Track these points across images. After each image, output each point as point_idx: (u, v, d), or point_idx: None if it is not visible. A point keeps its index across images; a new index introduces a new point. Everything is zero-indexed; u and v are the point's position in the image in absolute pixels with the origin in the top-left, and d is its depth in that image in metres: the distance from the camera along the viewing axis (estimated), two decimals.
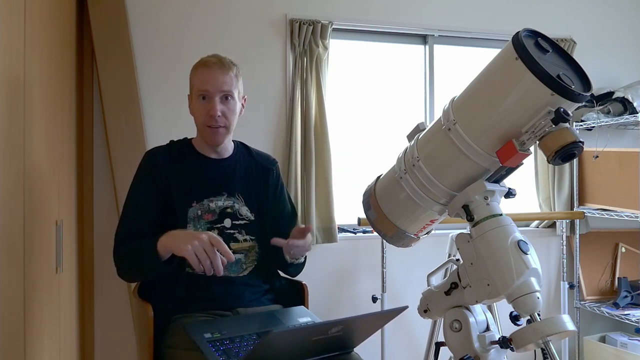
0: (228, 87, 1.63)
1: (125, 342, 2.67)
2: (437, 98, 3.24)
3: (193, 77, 1.67)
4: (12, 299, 1.32)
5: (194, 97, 1.66)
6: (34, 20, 1.55)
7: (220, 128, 1.64)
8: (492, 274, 1.15)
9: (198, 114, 1.65)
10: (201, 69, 1.65)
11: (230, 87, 1.64)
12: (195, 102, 1.65)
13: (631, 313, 3.02)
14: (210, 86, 1.62)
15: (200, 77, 1.64)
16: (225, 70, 1.64)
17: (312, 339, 1.28)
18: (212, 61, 1.65)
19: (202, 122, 1.64)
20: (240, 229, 1.67)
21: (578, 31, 3.36)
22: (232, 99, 1.65)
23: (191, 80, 1.68)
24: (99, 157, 2.65)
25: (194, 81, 1.66)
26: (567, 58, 1.21)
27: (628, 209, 2.98)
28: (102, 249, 2.63)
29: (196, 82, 1.65)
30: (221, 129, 1.64)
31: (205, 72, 1.63)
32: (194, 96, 1.66)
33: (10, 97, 1.32)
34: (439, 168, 1.24)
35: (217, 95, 1.62)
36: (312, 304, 1.79)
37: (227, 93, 1.63)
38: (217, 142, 1.68)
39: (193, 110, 1.68)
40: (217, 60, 1.65)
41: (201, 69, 1.65)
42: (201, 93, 1.63)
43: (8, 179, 1.30)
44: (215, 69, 1.63)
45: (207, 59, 1.67)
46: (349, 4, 3.02)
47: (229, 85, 1.63)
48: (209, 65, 1.64)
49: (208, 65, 1.64)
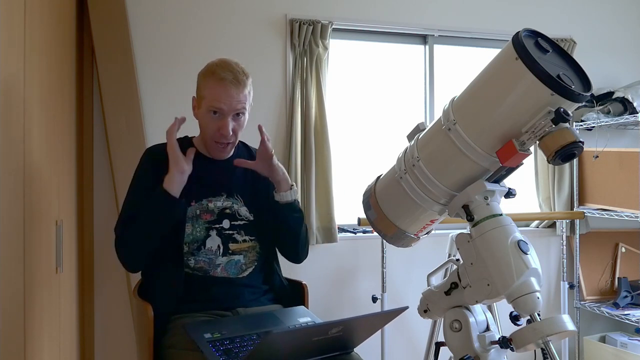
0: (242, 105, 1.60)
1: (125, 342, 2.66)
2: (437, 98, 3.24)
3: (204, 88, 1.60)
4: (12, 298, 1.32)
5: (204, 109, 1.60)
6: (34, 20, 1.54)
7: (229, 145, 1.64)
8: (492, 274, 1.15)
9: (207, 127, 1.62)
10: (214, 83, 1.57)
11: (244, 105, 1.60)
12: (206, 115, 1.60)
13: (631, 313, 3.02)
14: (225, 105, 1.57)
15: (213, 92, 1.57)
16: (241, 88, 1.58)
17: (312, 339, 1.28)
18: (228, 78, 1.56)
19: (211, 136, 1.62)
20: (239, 230, 1.67)
21: (578, 31, 3.36)
22: (244, 114, 1.63)
23: (201, 88, 1.62)
24: (99, 157, 2.65)
25: (205, 93, 1.60)
26: (567, 58, 1.21)
27: (628, 209, 2.98)
28: (102, 249, 2.63)
29: (208, 96, 1.58)
30: (229, 145, 1.64)
31: (219, 89, 1.56)
32: (203, 107, 1.60)
33: (10, 97, 1.32)
34: (439, 168, 1.24)
35: (230, 114, 1.59)
36: (312, 304, 1.79)
37: (240, 111, 1.61)
38: (222, 157, 1.68)
39: (201, 119, 1.64)
40: (232, 78, 1.57)
41: (214, 83, 1.57)
42: (213, 109, 1.58)
43: (8, 179, 1.30)
44: (230, 88, 1.56)
45: (221, 75, 1.57)
46: (349, 4, 3.02)
47: (243, 103, 1.60)
48: (224, 83, 1.56)
49: (223, 82, 1.56)
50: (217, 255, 1.63)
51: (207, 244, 1.62)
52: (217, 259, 1.63)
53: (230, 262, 1.64)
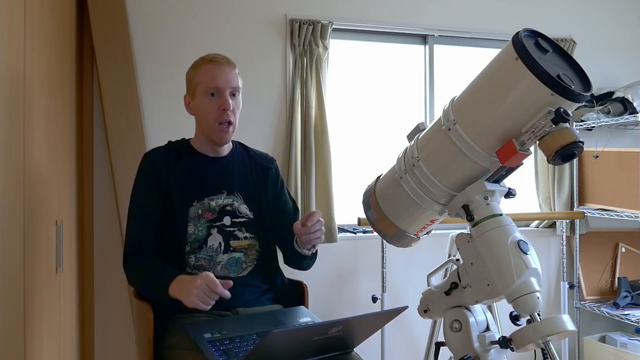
0: (235, 83, 1.65)
1: (125, 342, 2.66)
2: (437, 98, 3.24)
3: (197, 74, 1.65)
4: (12, 299, 1.32)
5: (201, 95, 1.63)
6: (34, 20, 1.54)
7: (230, 126, 1.65)
8: (492, 274, 1.15)
9: (207, 111, 1.63)
10: (208, 65, 1.64)
11: (237, 84, 1.66)
12: (203, 99, 1.63)
13: (631, 313, 3.02)
14: (221, 82, 1.62)
15: (207, 73, 1.63)
16: (232, 67, 1.66)
17: (312, 339, 1.28)
18: (218, 58, 1.65)
19: (213, 118, 1.63)
20: (240, 227, 1.67)
21: (578, 31, 3.36)
22: (238, 95, 1.67)
23: (193, 78, 1.66)
24: (99, 157, 2.65)
25: (200, 78, 1.64)
26: (567, 58, 1.21)
27: (628, 209, 2.98)
28: (102, 249, 2.63)
29: (203, 79, 1.63)
30: (230, 126, 1.65)
31: (213, 68, 1.63)
32: (199, 94, 1.64)
33: (10, 97, 1.32)
34: (439, 168, 1.24)
35: (228, 91, 1.63)
36: (312, 304, 1.79)
37: (234, 89, 1.65)
38: (225, 140, 1.68)
39: (198, 109, 1.65)
40: (222, 57, 1.66)
41: (208, 65, 1.64)
42: (211, 89, 1.62)
43: (8, 179, 1.30)
44: (223, 65, 1.64)
45: (212, 56, 1.66)
46: (349, 4, 3.02)
47: (236, 82, 1.66)
48: (217, 61, 1.64)
49: (215, 61, 1.64)
50: (218, 253, 1.63)
51: (209, 242, 1.63)
52: (217, 256, 1.63)
53: (231, 260, 1.64)
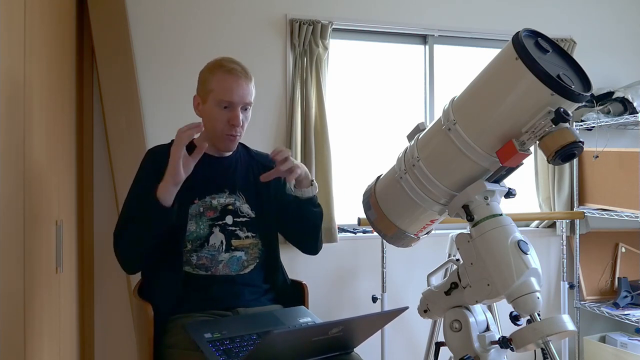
0: (249, 99, 1.63)
1: (125, 342, 2.66)
2: (437, 98, 3.24)
3: (211, 80, 1.60)
4: (12, 299, 1.32)
5: (212, 103, 1.60)
6: (34, 20, 1.54)
7: (237, 137, 1.65)
8: (492, 274, 1.15)
9: (216, 121, 1.60)
10: (225, 76, 1.59)
11: (251, 99, 1.63)
12: (214, 108, 1.60)
13: (631, 313, 3.02)
14: (236, 97, 1.58)
15: (223, 84, 1.58)
16: (249, 80, 1.62)
17: (312, 339, 1.28)
18: (237, 70, 1.59)
19: (222, 129, 1.61)
20: (241, 226, 1.67)
21: (578, 31, 3.36)
22: (250, 108, 1.66)
23: (207, 82, 1.62)
24: (99, 157, 2.65)
25: (214, 86, 1.59)
26: (567, 58, 1.21)
27: (628, 209, 2.98)
28: (102, 249, 2.63)
29: (217, 89, 1.58)
30: (237, 137, 1.65)
31: (230, 80, 1.58)
32: (211, 101, 1.60)
33: (10, 98, 1.32)
34: (439, 168, 1.24)
35: (240, 106, 1.60)
36: (312, 304, 1.79)
37: (248, 104, 1.63)
38: (230, 149, 1.69)
39: (208, 115, 1.62)
40: (241, 69, 1.60)
41: (225, 76, 1.59)
42: (224, 102, 1.58)
43: (8, 179, 1.30)
44: (241, 79, 1.59)
45: (230, 66, 1.60)
46: (349, 4, 3.02)
47: (250, 97, 1.63)
48: (235, 74, 1.59)
49: (233, 73, 1.59)
50: (220, 252, 1.63)
51: (211, 241, 1.63)
52: (219, 255, 1.63)
53: (232, 259, 1.64)
